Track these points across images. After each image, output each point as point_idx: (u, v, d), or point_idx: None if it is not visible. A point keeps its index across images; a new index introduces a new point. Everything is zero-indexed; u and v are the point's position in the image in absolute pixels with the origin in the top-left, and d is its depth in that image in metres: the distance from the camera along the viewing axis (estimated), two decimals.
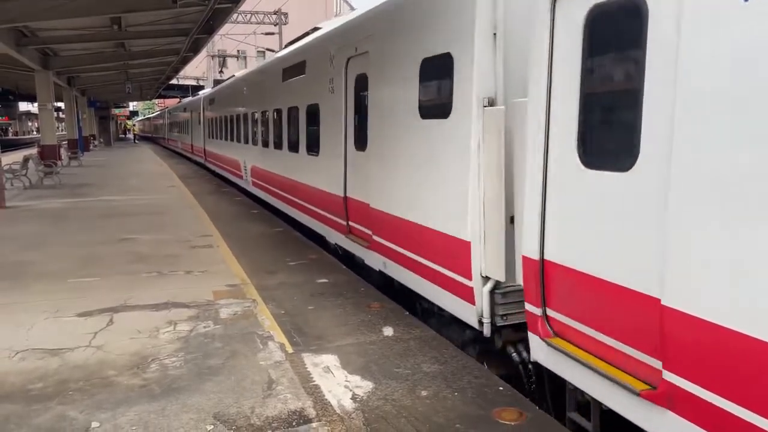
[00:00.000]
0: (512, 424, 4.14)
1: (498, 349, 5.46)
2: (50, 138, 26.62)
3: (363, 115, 7.76)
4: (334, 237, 9.18)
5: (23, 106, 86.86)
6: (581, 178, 3.95)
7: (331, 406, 4.40)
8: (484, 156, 5.18)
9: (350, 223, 8.40)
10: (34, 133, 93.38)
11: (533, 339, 4.49)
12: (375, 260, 7.54)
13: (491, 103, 5.18)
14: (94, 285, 7.71)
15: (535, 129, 4.30)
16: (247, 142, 16.33)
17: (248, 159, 16.25)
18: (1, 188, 14.94)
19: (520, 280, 4.78)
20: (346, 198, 8.45)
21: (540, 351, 4.42)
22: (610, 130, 3.88)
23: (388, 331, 5.96)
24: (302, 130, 10.65)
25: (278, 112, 12.46)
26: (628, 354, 3.60)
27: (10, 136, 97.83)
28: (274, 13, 40.05)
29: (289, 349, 5.50)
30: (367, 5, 8.34)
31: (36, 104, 28.41)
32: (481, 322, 5.28)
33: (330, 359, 5.26)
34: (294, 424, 4.16)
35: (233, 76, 22.25)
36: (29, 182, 20.32)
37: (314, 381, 4.82)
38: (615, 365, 3.70)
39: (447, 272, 5.78)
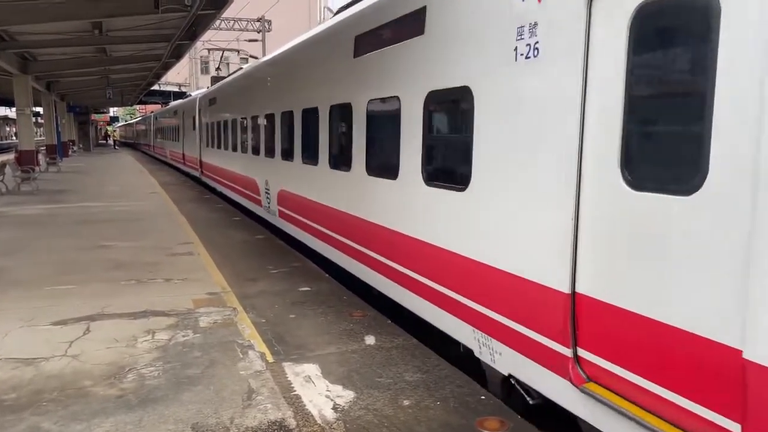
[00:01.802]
0: None
1: None
2: (28, 143, 26.31)
3: (688, 99, 3.33)
4: (513, 363, 4.62)
5: (0, 110, 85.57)
6: None
7: (312, 416, 4.35)
8: None
9: (583, 353, 3.92)
10: (13, 138, 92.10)
11: None
12: None
13: None
14: (71, 292, 7.57)
15: None
16: (271, 154, 11.66)
17: (273, 179, 11.68)
18: None
19: None
20: (575, 297, 3.94)
21: None
22: None
23: (371, 339, 5.92)
24: (412, 140, 6.00)
25: (343, 109, 7.88)
26: None
27: None
28: (258, 20, 40.03)
29: (270, 359, 5.43)
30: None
31: (14, 109, 28.00)
32: None
33: (311, 369, 5.20)
34: None
35: (241, 68, 18.16)
36: (6, 188, 19.97)
37: (295, 391, 4.77)
38: None
39: None
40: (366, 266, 7.32)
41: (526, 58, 4.32)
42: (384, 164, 6.68)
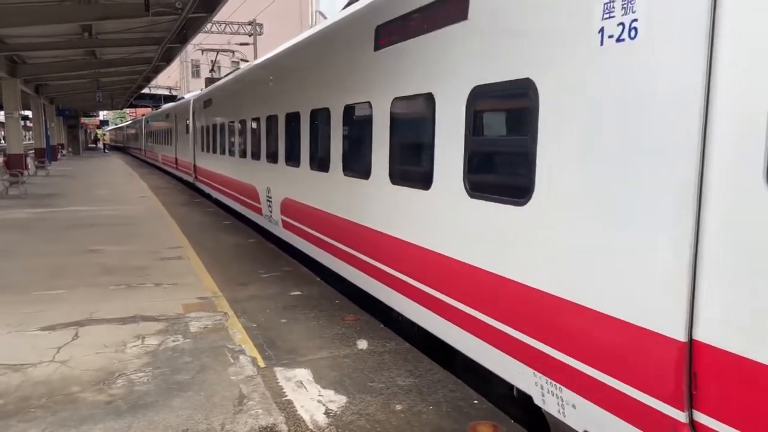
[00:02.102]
0: None
1: None
2: (16, 147, 26.14)
3: None
4: (592, 419, 3.68)
5: None
6: None
7: (303, 421, 4.32)
8: None
9: (703, 419, 3.04)
10: (2, 141, 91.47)
11: None
12: None
13: None
14: (60, 297, 7.48)
15: None
16: (273, 160, 10.73)
17: (276, 186, 10.77)
18: None
19: None
20: (692, 345, 3.05)
21: None
22: None
23: (363, 344, 5.89)
24: (451, 145, 5.04)
25: (360, 109, 6.96)
26: None
27: None
28: (249, 24, 39.98)
29: (261, 364, 5.39)
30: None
31: (2, 112, 27.81)
32: None
33: (303, 373, 5.17)
34: None
35: (237, 69, 17.18)
36: None
37: (287, 396, 4.73)
38: None
39: None
40: (375, 279, 6.58)
41: (618, 40, 3.35)
42: (412, 172, 5.78)
